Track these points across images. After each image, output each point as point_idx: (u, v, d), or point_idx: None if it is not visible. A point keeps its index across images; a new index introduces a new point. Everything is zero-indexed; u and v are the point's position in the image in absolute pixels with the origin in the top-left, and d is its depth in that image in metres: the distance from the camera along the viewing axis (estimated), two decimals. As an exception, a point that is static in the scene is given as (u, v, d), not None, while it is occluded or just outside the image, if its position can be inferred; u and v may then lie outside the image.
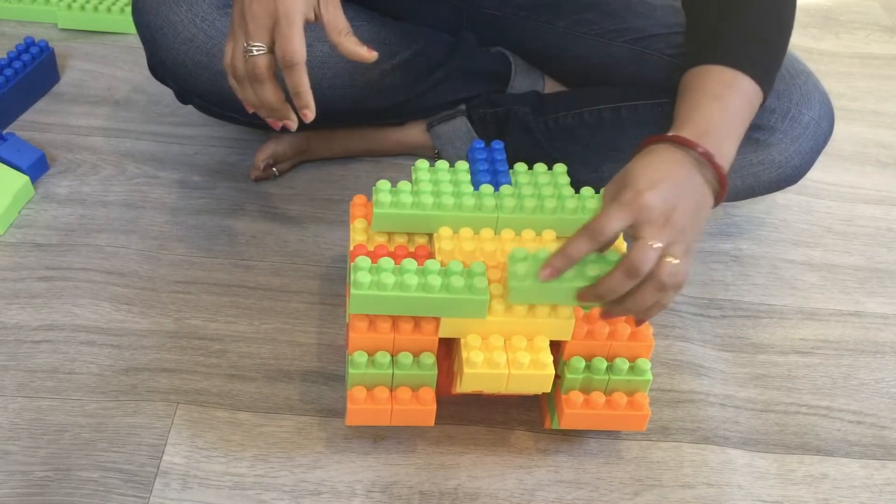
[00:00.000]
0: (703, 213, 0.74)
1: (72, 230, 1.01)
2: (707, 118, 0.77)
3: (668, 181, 0.71)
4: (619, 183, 0.72)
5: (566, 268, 0.71)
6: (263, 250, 1.01)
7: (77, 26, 1.35)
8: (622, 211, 0.70)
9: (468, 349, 0.74)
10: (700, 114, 0.77)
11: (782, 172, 0.99)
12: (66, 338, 0.89)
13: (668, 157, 0.74)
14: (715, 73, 0.81)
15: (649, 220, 0.69)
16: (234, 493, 0.77)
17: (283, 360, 0.89)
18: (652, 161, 0.73)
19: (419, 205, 0.79)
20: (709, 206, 0.75)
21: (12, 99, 1.15)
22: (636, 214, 0.70)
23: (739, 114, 0.79)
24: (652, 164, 0.73)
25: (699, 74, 0.81)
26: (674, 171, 0.73)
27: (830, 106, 1.00)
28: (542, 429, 0.84)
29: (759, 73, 0.81)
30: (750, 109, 0.81)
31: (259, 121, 1.07)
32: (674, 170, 0.73)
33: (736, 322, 0.99)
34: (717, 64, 0.81)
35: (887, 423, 0.89)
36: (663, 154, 0.74)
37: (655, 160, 0.73)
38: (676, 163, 0.73)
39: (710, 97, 0.79)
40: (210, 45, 0.96)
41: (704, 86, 0.80)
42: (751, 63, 0.81)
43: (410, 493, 0.78)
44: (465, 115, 1.09)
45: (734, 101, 0.79)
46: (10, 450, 0.78)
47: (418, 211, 0.79)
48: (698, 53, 0.83)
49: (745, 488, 0.82)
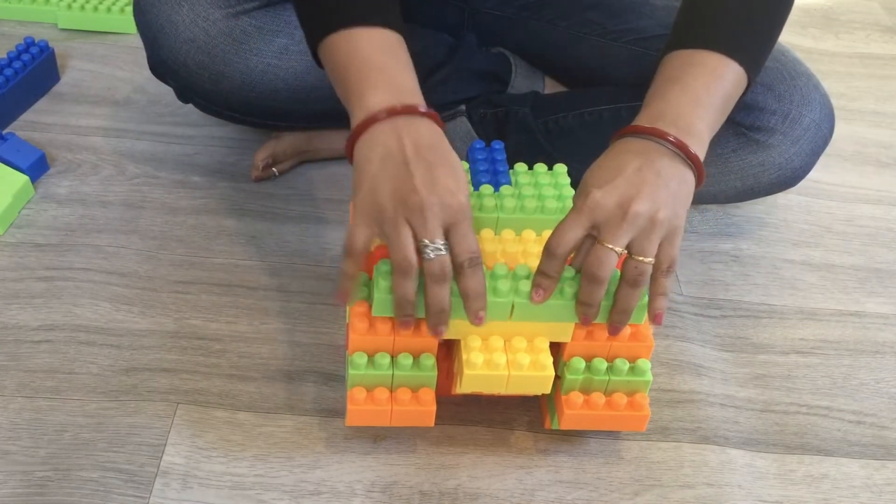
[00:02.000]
0: (676, 192, 0.71)
1: (72, 230, 1.01)
2: (663, 99, 0.75)
3: (619, 176, 0.70)
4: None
5: (552, 286, 0.71)
6: (263, 250, 1.01)
7: (77, 26, 1.35)
8: (575, 218, 0.70)
9: (468, 350, 0.74)
10: (658, 97, 0.75)
11: (782, 174, 0.99)
12: (66, 338, 0.89)
13: (621, 149, 0.72)
14: (680, 56, 0.78)
15: (604, 221, 0.69)
16: (234, 493, 0.77)
17: (283, 360, 0.89)
18: (604, 160, 0.72)
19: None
20: (686, 182, 0.72)
21: (12, 99, 1.15)
22: (591, 218, 0.69)
23: (706, 89, 0.75)
24: (603, 164, 0.72)
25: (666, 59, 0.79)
26: (625, 164, 0.71)
27: (831, 108, 1.00)
28: (542, 429, 0.84)
29: (733, 49, 0.77)
30: (720, 82, 0.76)
31: (259, 121, 1.07)
32: (625, 162, 0.71)
33: (736, 322, 0.99)
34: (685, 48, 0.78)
35: (887, 423, 0.89)
36: (617, 148, 0.73)
37: (608, 158, 0.72)
38: (629, 153, 0.72)
39: (669, 80, 0.76)
40: (211, 45, 0.96)
41: (665, 69, 0.78)
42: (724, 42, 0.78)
43: (410, 493, 0.78)
44: (465, 115, 1.09)
45: (695, 78, 0.76)
46: (10, 450, 0.78)
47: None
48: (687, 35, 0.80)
49: (745, 488, 0.82)
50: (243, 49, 0.97)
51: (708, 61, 0.77)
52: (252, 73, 0.98)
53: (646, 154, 0.71)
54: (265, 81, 0.98)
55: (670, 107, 0.74)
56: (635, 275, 0.70)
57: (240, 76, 0.98)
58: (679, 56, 0.78)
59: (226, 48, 0.97)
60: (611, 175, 0.70)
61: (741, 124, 0.97)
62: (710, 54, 0.77)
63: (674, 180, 0.71)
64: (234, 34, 0.97)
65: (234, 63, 0.98)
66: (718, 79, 0.76)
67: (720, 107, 0.77)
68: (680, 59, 0.78)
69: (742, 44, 0.79)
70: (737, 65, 0.77)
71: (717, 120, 0.77)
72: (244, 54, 0.97)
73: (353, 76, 0.73)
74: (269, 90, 0.99)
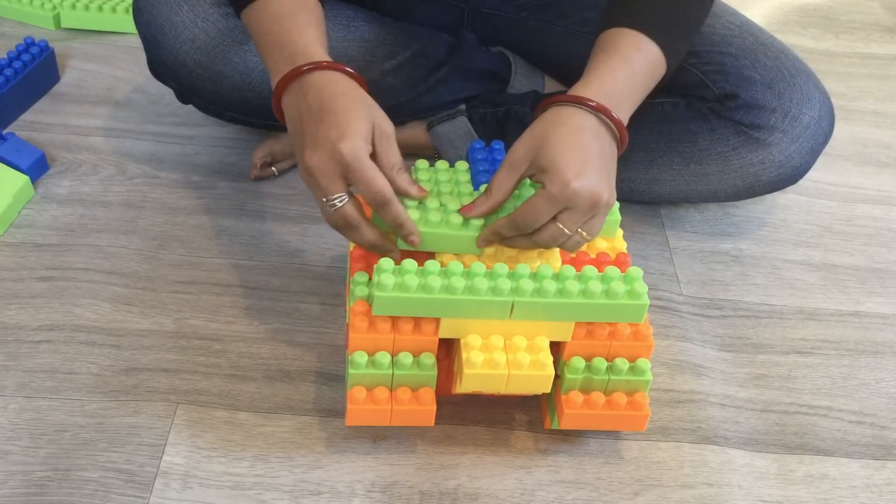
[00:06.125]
0: (614, 170, 0.76)
1: (72, 230, 1.01)
2: (613, 78, 0.78)
3: (588, 165, 0.72)
4: (534, 152, 0.73)
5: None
6: (263, 250, 1.01)
7: (78, 26, 1.35)
8: (551, 204, 0.72)
9: (468, 350, 0.74)
10: (609, 73, 0.78)
11: (782, 172, 0.99)
12: (66, 338, 0.89)
13: (578, 124, 0.74)
14: (627, 37, 0.81)
15: (574, 209, 0.72)
16: (234, 493, 0.77)
17: (283, 360, 0.89)
18: (570, 139, 0.73)
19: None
20: (615, 158, 0.77)
21: (12, 99, 1.15)
22: (564, 205, 0.72)
23: (642, 79, 0.80)
24: (571, 144, 0.73)
25: (614, 35, 0.81)
26: (590, 146, 0.74)
27: (831, 106, 1.00)
28: (542, 429, 0.84)
29: (668, 44, 0.81)
30: (652, 78, 0.82)
31: (259, 121, 1.07)
32: (590, 144, 0.74)
33: (736, 322, 0.99)
34: (631, 28, 0.81)
35: (887, 423, 0.89)
36: (574, 124, 0.74)
37: (573, 137, 0.73)
38: (586, 130, 0.74)
39: (620, 58, 0.79)
40: (211, 45, 0.96)
41: (616, 46, 0.80)
42: (663, 33, 0.81)
43: (410, 493, 0.78)
44: (465, 115, 1.09)
45: (641, 65, 0.80)
46: (10, 450, 0.78)
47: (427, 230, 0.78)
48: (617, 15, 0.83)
49: (745, 488, 0.82)
50: (243, 49, 0.97)
51: (652, 55, 0.81)
52: (252, 73, 0.98)
53: (601, 137, 0.75)
54: (265, 81, 0.98)
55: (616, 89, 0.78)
56: (570, 245, 0.75)
57: (240, 76, 0.98)
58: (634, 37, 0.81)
59: (226, 48, 0.97)
60: (582, 163, 0.72)
61: (741, 122, 0.97)
62: (656, 48, 0.81)
63: (614, 162, 0.77)
64: (234, 34, 0.97)
65: (234, 63, 0.98)
66: (651, 75, 0.81)
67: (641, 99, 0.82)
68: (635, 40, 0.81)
69: (677, 47, 0.83)
70: (666, 66, 0.82)
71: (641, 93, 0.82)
72: (244, 54, 0.97)
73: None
74: (269, 90, 0.99)
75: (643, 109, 1.01)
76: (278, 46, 0.79)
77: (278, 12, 0.80)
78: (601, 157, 0.74)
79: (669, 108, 1.01)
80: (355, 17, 1.04)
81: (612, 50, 0.80)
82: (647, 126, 1.01)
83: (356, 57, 1.03)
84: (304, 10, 0.81)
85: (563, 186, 0.71)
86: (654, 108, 1.01)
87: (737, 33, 0.99)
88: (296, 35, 0.78)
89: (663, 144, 1.01)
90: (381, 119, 0.75)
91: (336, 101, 0.74)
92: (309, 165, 0.73)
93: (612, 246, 0.83)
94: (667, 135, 1.01)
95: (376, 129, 0.74)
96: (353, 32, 1.03)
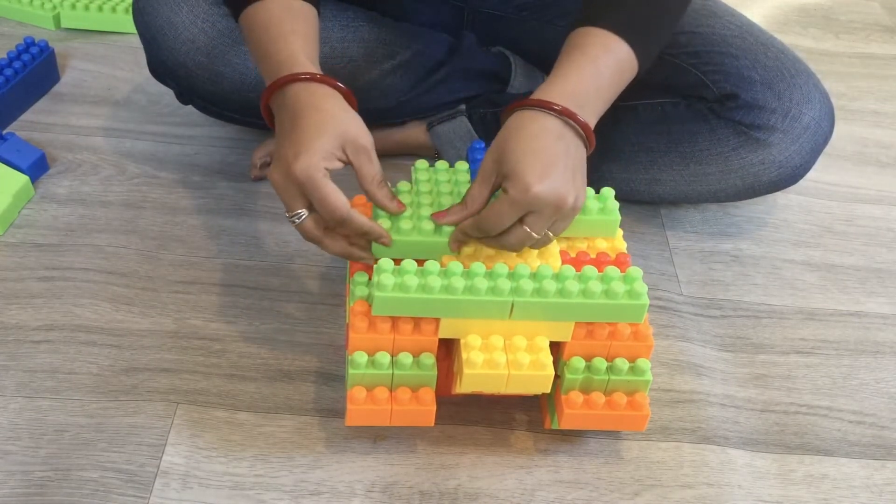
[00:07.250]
0: (583, 171, 0.76)
1: (72, 230, 1.01)
2: (579, 78, 0.77)
3: (553, 169, 0.72)
4: (499, 161, 0.73)
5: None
6: (263, 250, 1.01)
7: (78, 26, 1.35)
8: (513, 209, 0.72)
9: (468, 350, 0.74)
10: (574, 73, 0.77)
11: (783, 172, 0.99)
12: (66, 338, 0.89)
13: (540, 128, 0.74)
14: (595, 36, 0.79)
15: (539, 212, 0.72)
16: (234, 493, 0.77)
17: (283, 360, 0.89)
18: (531, 143, 0.73)
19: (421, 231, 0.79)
20: (585, 159, 0.77)
21: (12, 99, 1.15)
22: (528, 209, 0.72)
23: (610, 78, 0.79)
24: (532, 148, 0.72)
25: (582, 34, 0.80)
26: (552, 149, 0.73)
27: (831, 106, 1.00)
28: (542, 429, 0.84)
29: (638, 43, 0.80)
30: (622, 76, 0.80)
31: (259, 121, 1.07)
32: (552, 147, 0.73)
33: (736, 322, 0.99)
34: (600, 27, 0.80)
35: (887, 423, 0.89)
36: (535, 128, 0.74)
37: (534, 142, 0.73)
38: (549, 133, 0.73)
39: (587, 58, 0.78)
40: (211, 45, 0.96)
41: (583, 45, 0.79)
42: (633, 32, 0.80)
43: (410, 493, 0.78)
44: (465, 115, 1.09)
45: (607, 64, 0.78)
46: (10, 450, 0.78)
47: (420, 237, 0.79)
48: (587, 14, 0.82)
49: (745, 488, 0.82)
50: (243, 50, 0.97)
51: (622, 54, 0.80)
52: (252, 73, 0.98)
53: (565, 138, 0.74)
54: (264, 82, 0.98)
55: (581, 89, 0.76)
56: (537, 246, 0.76)
57: (240, 76, 0.99)
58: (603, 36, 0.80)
59: (225, 48, 0.97)
60: (544, 166, 0.72)
61: (741, 123, 0.97)
62: (626, 48, 0.80)
63: (582, 163, 0.76)
64: (234, 35, 0.97)
65: (233, 64, 0.98)
66: (621, 75, 0.80)
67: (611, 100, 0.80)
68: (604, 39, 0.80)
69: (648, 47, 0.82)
70: (637, 67, 0.81)
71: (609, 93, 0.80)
72: (244, 55, 0.97)
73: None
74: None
75: (643, 110, 1.02)
76: (265, 55, 0.79)
77: (267, 20, 0.80)
78: (566, 159, 0.73)
79: (669, 108, 1.01)
80: (355, 18, 1.04)
81: (579, 49, 0.78)
82: (647, 126, 1.01)
83: (356, 57, 1.03)
84: (292, 18, 0.81)
85: (524, 191, 0.71)
86: (654, 108, 1.01)
87: (737, 33, 0.99)
88: (281, 44, 0.79)
89: (663, 145, 1.01)
90: (356, 132, 0.75)
91: (306, 116, 0.74)
92: (271, 181, 0.75)
93: (612, 246, 0.83)
94: (667, 135, 1.01)
95: (350, 143, 0.74)
96: (353, 32, 1.03)
